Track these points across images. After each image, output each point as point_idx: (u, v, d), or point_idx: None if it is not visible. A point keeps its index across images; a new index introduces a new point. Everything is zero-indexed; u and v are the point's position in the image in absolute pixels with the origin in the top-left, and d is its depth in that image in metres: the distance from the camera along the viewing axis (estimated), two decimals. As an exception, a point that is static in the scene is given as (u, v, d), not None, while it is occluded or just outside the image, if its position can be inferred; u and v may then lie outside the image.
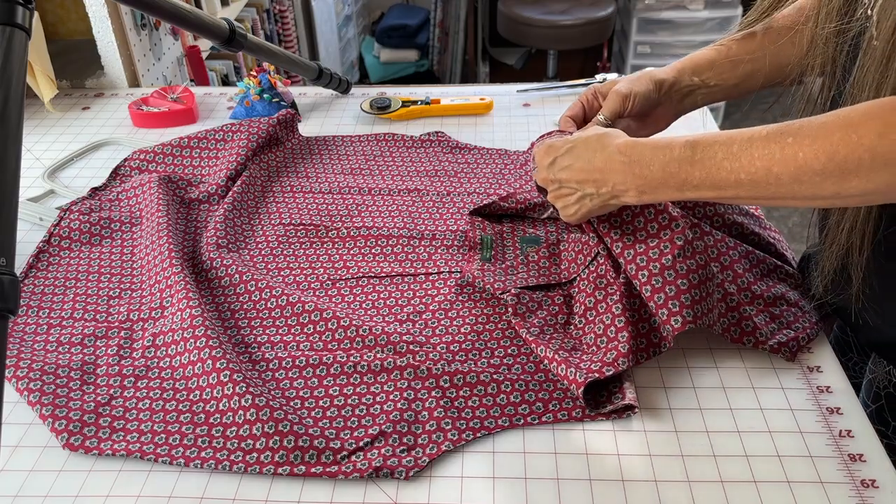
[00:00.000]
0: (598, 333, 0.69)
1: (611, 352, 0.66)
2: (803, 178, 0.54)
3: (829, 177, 0.52)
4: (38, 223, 0.92)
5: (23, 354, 0.71)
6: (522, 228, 0.87)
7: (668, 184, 0.61)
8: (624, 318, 0.68)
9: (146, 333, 0.73)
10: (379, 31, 3.23)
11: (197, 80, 1.55)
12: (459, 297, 0.77)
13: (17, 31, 0.58)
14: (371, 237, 0.86)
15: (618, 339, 0.67)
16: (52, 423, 0.64)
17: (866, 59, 0.55)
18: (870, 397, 0.72)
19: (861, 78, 0.56)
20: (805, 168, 0.53)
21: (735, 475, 0.59)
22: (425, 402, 0.65)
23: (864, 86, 0.55)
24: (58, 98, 1.25)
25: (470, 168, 1.00)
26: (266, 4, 2.18)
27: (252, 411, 0.62)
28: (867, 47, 0.55)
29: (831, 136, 0.52)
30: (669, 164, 0.60)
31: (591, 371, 0.64)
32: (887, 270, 0.64)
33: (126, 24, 1.26)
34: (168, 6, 0.93)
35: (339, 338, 0.72)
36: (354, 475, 0.59)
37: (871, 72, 0.54)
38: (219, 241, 0.83)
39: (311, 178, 0.99)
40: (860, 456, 0.60)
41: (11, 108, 0.55)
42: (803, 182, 0.54)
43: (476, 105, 1.14)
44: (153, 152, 1.00)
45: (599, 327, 0.69)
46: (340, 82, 1.20)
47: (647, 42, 2.94)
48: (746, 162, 0.56)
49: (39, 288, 0.80)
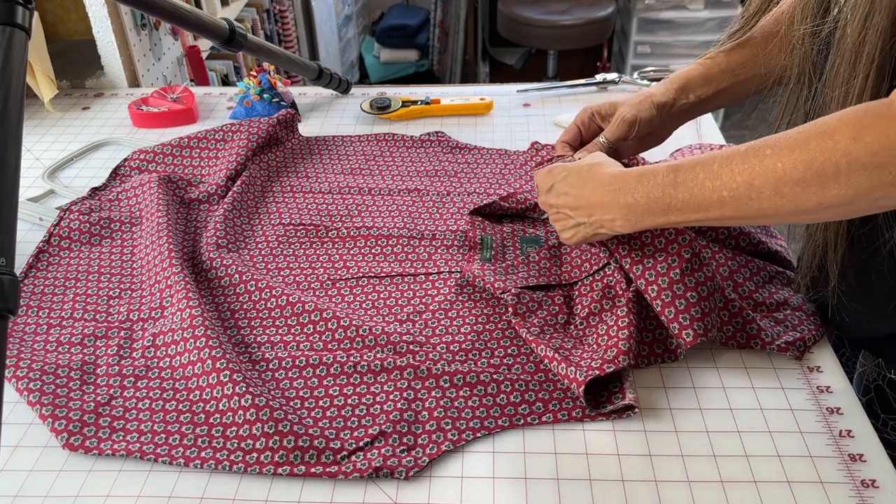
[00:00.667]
0: (601, 333, 0.69)
1: (611, 349, 0.66)
2: (784, 190, 0.54)
3: (810, 185, 0.52)
4: (38, 223, 0.92)
5: (23, 354, 0.71)
6: (522, 228, 0.87)
7: (653, 210, 0.62)
8: (627, 320, 0.68)
9: (146, 333, 0.73)
10: (379, 31, 3.23)
11: (197, 80, 1.55)
12: (459, 297, 0.77)
13: (17, 31, 0.58)
14: (371, 237, 0.86)
15: (619, 337, 0.67)
16: (52, 423, 0.64)
17: (837, 56, 0.56)
18: (860, 391, 0.73)
19: (833, 75, 0.56)
20: (785, 178, 0.53)
21: (735, 475, 0.59)
22: (425, 402, 0.65)
23: (835, 84, 0.56)
24: (58, 98, 1.25)
25: (470, 168, 1.00)
26: (266, 4, 2.18)
27: (252, 411, 0.62)
28: (838, 45, 0.55)
29: (808, 144, 0.52)
30: (653, 190, 0.61)
31: (592, 368, 0.64)
32: (862, 266, 0.65)
33: (126, 24, 1.26)
34: (168, 6, 0.93)
35: (339, 338, 0.72)
36: (354, 475, 0.59)
37: (842, 69, 0.55)
38: (219, 241, 0.83)
39: (311, 178, 0.99)
40: (860, 456, 0.60)
41: (11, 108, 0.55)
42: (785, 194, 0.54)
43: (476, 105, 1.14)
44: (153, 152, 1.00)
45: (602, 328, 0.70)
46: (340, 82, 1.20)
47: (647, 42, 2.94)
48: (727, 178, 0.56)
49: (39, 288, 0.80)
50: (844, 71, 0.55)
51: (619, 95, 1.19)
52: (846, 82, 0.55)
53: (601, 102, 0.81)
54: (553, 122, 1.11)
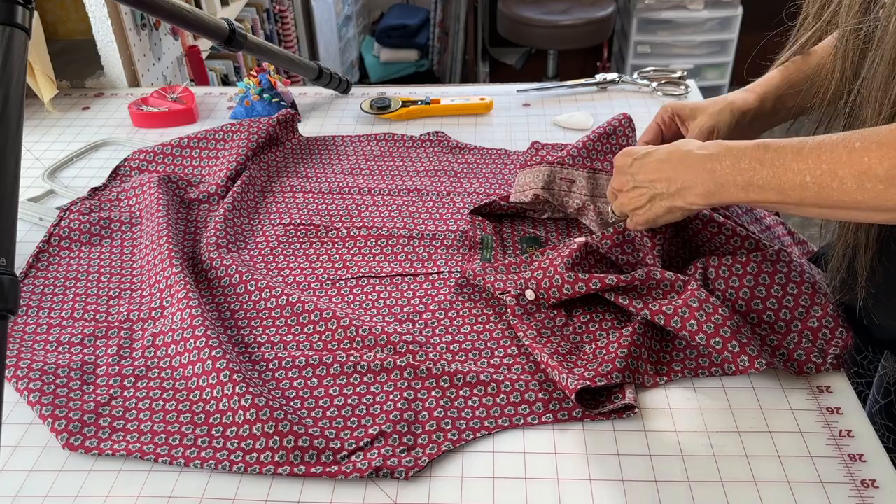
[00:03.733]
0: (600, 346, 0.69)
1: (606, 364, 0.66)
2: (867, 185, 0.53)
3: (893, 185, 0.51)
4: (38, 223, 0.92)
5: (23, 354, 0.71)
6: (522, 228, 0.87)
7: (735, 182, 0.61)
8: (630, 340, 0.67)
9: (146, 333, 0.73)
10: (379, 31, 3.23)
11: (197, 80, 1.55)
12: (459, 297, 0.77)
13: (17, 31, 0.58)
14: (371, 237, 0.86)
15: (617, 354, 0.66)
16: (52, 423, 0.64)
17: (877, 54, 0.55)
18: (880, 392, 0.72)
19: (872, 73, 0.55)
20: (869, 173, 0.52)
21: (735, 475, 0.59)
22: (425, 402, 0.65)
23: (872, 83, 0.55)
24: (58, 98, 1.25)
25: (470, 168, 1.00)
26: (266, 4, 2.18)
27: (252, 411, 0.62)
28: (878, 43, 0.55)
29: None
30: (741, 160, 0.60)
31: (584, 378, 0.64)
32: (892, 268, 0.64)
33: (126, 24, 1.26)
34: (168, 6, 0.93)
35: (339, 338, 0.72)
36: (354, 475, 0.59)
37: (881, 68, 0.54)
38: (219, 241, 0.83)
39: (311, 178, 0.99)
40: (860, 456, 0.60)
41: (11, 108, 0.55)
42: (867, 189, 0.53)
43: (476, 105, 1.14)
44: (153, 152, 1.00)
45: (602, 342, 0.69)
46: (340, 82, 1.20)
47: (647, 42, 2.94)
48: (813, 163, 0.55)
49: (39, 288, 0.80)
50: (884, 71, 0.54)
51: (619, 95, 1.19)
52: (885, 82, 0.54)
53: (683, 103, 0.81)
54: (553, 122, 1.11)
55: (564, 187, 0.85)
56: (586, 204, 0.83)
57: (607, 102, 1.17)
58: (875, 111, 0.56)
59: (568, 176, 0.85)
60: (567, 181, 0.85)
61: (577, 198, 0.84)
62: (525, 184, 0.87)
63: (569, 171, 0.86)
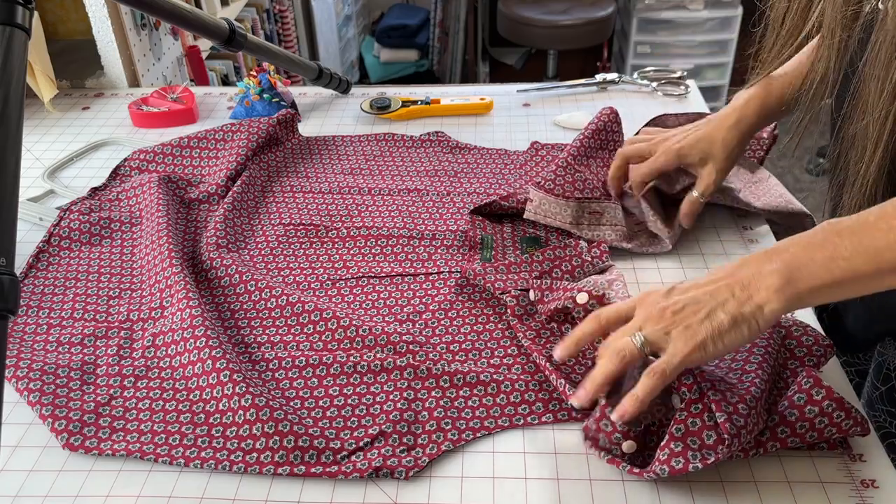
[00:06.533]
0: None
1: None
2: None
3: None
4: (38, 223, 0.92)
5: (23, 354, 0.71)
6: (522, 228, 0.87)
7: (813, 259, 0.52)
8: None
9: (146, 333, 0.73)
10: (379, 31, 3.23)
11: (197, 80, 1.55)
12: (459, 297, 0.77)
13: (17, 31, 0.58)
14: (371, 237, 0.86)
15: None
16: (52, 423, 0.64)
17: (879, 35, 0.55)
18: (879, 379, 0.72)
19: (874, 55, 0.55)
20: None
21: (735, 475, 0.59)
22: (425, 402, 0.65)
23: (876, 63, 0.55)
24: (58, 98, 1.25)
25: (470, 168, 1.00)
26: (266, 4, 2.18)
27: (252, 411, 0.62)
28: (880, 24, 0.55)
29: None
30: (811, 237, 0.53)
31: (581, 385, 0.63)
32: None
33: (126, 24, 1.26)
34: (168, 6, 0.93)
35: (339, 338, 0.72)
36: (354, 475, 0.59)
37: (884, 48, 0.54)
38: (219, 241, 0.83)
39: (311, 178, 0.99)
40: (860, 456, 0.60)
41: (11, 108, 0.55)
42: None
43: (476, 105, 1.14)
44: (153, 152, 1.00)
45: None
46: (340, 82, 1.20)
47: (647, 42, 2.94)
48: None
49: (39, 288, 0.80)
50: (887, 49, 0.54)
51: (619, 95, 1.19)
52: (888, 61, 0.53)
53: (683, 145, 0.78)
54: (553, 122, 1.11)
55: (594, 221, 0.84)
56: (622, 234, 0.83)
57: (607, 102, 1.17)
58: (878, 89, 0.56)
59: (596, 209, 0.84)
60: (595, 214, 0.84)
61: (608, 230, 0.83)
62: (547, 211, 0.84)
63: (597, 204, 0.84)
